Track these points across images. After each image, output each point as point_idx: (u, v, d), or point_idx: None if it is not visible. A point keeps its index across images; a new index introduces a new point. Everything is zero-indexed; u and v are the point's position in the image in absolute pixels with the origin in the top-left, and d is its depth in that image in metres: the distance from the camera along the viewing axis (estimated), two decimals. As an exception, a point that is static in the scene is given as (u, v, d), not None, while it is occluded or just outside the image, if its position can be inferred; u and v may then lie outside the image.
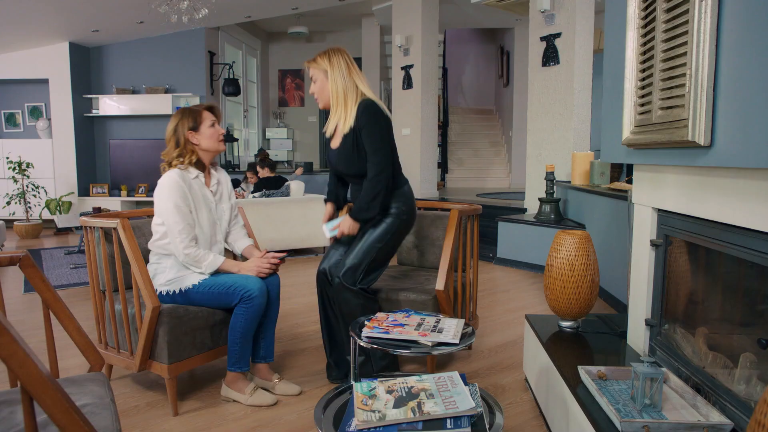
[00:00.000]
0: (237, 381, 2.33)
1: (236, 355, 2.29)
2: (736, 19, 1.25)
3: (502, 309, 3.81)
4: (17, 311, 3.75)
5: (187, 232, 2.23)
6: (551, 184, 5.18)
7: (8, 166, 7.47)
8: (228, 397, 2.34)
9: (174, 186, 2.23)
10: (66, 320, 1.49)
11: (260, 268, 2.33)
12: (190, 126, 2.33)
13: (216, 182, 2.46)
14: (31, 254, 5.94)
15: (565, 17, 5.38)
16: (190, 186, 2.31)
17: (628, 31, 1.81)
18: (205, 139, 2.35)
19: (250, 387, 2.31)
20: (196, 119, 2.35)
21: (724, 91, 1.29)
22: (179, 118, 2.36)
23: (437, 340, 1.69)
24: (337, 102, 2.36)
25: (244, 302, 2.23)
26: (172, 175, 2.27)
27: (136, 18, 7.10)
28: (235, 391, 2.32)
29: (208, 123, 2.36)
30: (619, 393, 1.67)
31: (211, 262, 2.28)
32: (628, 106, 1.83)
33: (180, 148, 2.33)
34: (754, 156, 1.18)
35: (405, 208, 2.41)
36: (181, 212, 2.22)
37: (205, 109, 2.39)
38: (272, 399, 2.31)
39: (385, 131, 2.34)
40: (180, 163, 2.31)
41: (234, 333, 2.26)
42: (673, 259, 1.91)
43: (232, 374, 2.32)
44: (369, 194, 2.32)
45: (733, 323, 1.67)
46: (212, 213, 2.40)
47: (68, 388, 1.41)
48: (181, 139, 2.33)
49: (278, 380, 2.42)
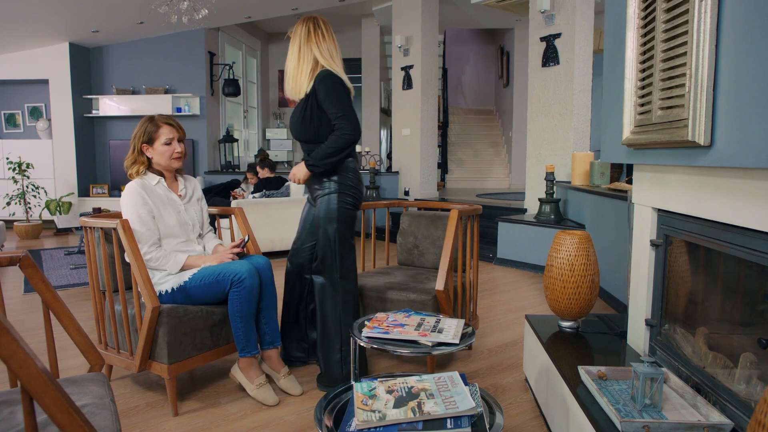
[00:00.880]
0: (250, 368, 2.34)
1: (242, 340, 2.31)
2: (736, 19, 1.25)
3: (502, 309, 3.81)
4: (17, 311, 3.75)
5: (148, 238, 2.29)
6: (551, 185, 5.18)
7: (8, 167, 7.47)
8: (235, 377, 2.37)
9: (133, 195, 2.30)
10: (66, 320, 1.49)
11: (222, 256, 2.37)
12: (144, 139, 2.39)
13: (183, 187, 2.52)
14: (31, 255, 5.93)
15: (564, 18, 5.38)
16: (153, 191, 2.38)
17: (627, 31, 1.81)
18: (158, 155, 2.40)
19: (259, 379, 2.33)
20: (151, 134, 2.39)
21: (724, 90, 1.29)
22: (138, 128, 2.42)
23: (437, 341, 1.69)
24: (289, 71, 2.44)
25: (234, 286, 2.25)
26: (132, 186, 2.34)
27: (136, 18, 7.10)
28: (246, 377, 2.34)
29: (163, 140, 2.39)
30: (620, 393, 1.67)
31: (174, 261, 2.33)
32: (628, 106, 1.83)
33: (134, 155, 2.41)
34: (754, 156, 1.18)
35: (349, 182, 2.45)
36: (142, 219, 2.28)
37: (165, 123, 2.42)
38: (274, 400, 2.31)
39: (345, 98, 2.36)
40: (135, 172, 2.39)
41: (234, 319, 2.28)
42: (673, 259, 1.91)
43: (246, 360, 2.34)
44: (327, 148, 2.34)
45: (733, 323, 1.67)
46: (181, 214, 2.44)
47: (68, 388, 1.41)
48: (136, 149, 2.41)
49: (286, 374, 2.43)
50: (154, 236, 2.31)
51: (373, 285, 2.61)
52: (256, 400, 2.31)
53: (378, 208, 3.09)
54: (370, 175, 7.37)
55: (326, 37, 2.43)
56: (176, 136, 2.43)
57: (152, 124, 2.40)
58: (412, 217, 3.09)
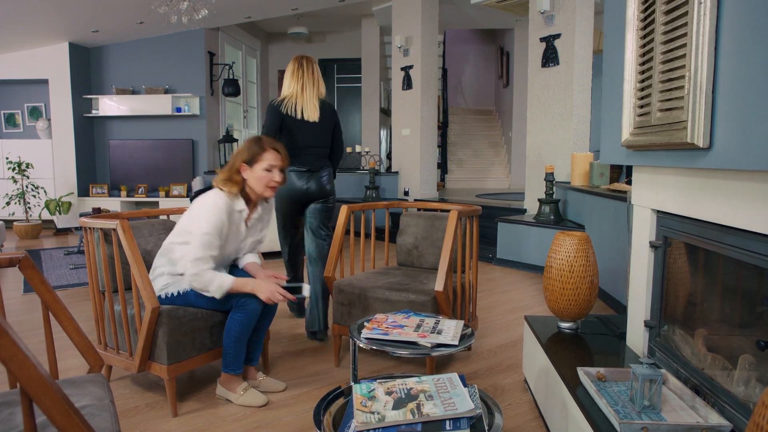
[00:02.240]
0: (230, 381, 2.34)
1: (230, 357, 2.30)
2: (735, 22, 1.25)
3: (502, 310, 3.81)
4: (17, 312, 3.75)
5: (205, 261, 2.19)
6: (551, 185, 5.18)
7: (8, 167, 7.47)
8: (221, 395, 2.37)
9: (217, 213, 2.21)
10: (65, 321, 1.49)
11: (274, 297, 2.24)
12: (246, 159, 2.29)
13: (257, 217, 2.44)
14: (30, 255, 5.94)
15: (564, 18, 5.38)
16: (232, 217, 2.29)
17: (627, 33, 1.81)
18: (254, 179, 2.30)
19: (242, 387, 2.33)
20: (255, 155, 2.29)
21: (723, 93, 1.30)
22: (244, 146, 2.33)
23: (436, 342, 1.69)
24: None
25: (239, 309, 2.25)
26: (220, 201, 2.22)
27: (136, 18, 7.10)
28: (228, 390, 2.34)
29: (264, 165, 2.29)
30: (618, 394, 1.68)
31: (219, 285, 2.20)
32: (627, 108, 1.83)
33: (230, 173, 2.29)
34: (753, 158, 1.18)
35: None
36: (210, 239, 2.20)
37: (272, 149, 2.32)
38: (262, 400, 2.32)
39: (266, 121, 3.14)
40: (227, 191, 2.26)
41: (229, 336, 2.28)
42: (672, 261, 1.91)
43: (226, 375, 2.34)
44: None
45: (732, 325, 1.67)
46: (237, 243, 2.41)
47: (68, 389, 1.42)
48: (234, 167, 2.30)
49: (262, 378, 2.46)
50: (213, 259, 2.23)
51: (372, 285, 2.61)
52: (245, 406, 2.31)
53: (377, 209, 3.09)
54: (369, 176, 7.37)
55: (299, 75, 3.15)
56: (279, 165, 2.32)
57: (258, 146, 2.30)
58: (412, 217, 3.09)
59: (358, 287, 2.62)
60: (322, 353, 2.93)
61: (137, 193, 8.16)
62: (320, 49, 10.96)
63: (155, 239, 2.68)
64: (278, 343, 3.06)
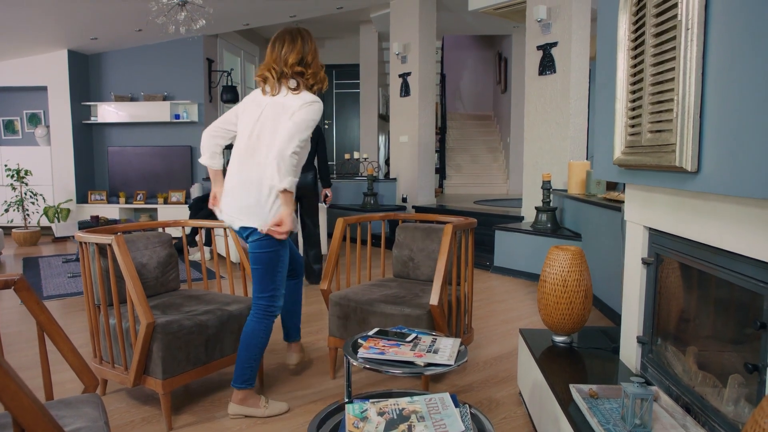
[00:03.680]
0: (249, 397, 2.30)
1: (252, 371, 2.27)
2: (722, 49, 1.26)
3: (498, 320, 3.82)
4: (13, 322, 3.76)
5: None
6: (548, 193, 5.19)
7: (6, 174, 7.48)
8: (240, 414, 2.31)
9: (320, 113, 2.22)
10: (61, 342, 1.50)
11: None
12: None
13: None
14: (29, 262, 5.95)
15: (561, 27, 5.41)
16: None
17: (618, 52, 1.83)
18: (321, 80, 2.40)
19: (263, 400, 2.34)
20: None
21: (710, 118, 1.31)
22: (313, 43, 2.38)
23: (432, 362, 1.70)
24: None
25: (269, 315, 2.28)
26: (320, 103, 2.22)
27: (135, 26, 7.12)
28: (251, 407, 2.30)
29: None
30: (610, 412, 1.69)
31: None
32: (619, 126, 1.84)
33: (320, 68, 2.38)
34: (741, 184, 1.19)
35: None
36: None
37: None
38: (286, 405, 2.39)
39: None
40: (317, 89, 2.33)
41: (255, 348, 2.25)
42: (664, 276, 1.93)
43: (244, 392, 2.29)
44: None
45: (724, 341, 1.68)
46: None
47: (62, 410, 1.42)
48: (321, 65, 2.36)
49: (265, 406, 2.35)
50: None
51: (368, 298, 2.62)
52: (273, 416, 2.32)
53: (374, 220, 3.10)
54: (368, 182, 7.37)
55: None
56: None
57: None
58: (408, 229, 3.10)
59: (354, 300, 2.63)
60: (317, 365, 2.94)
61: (136, 200, 8.17)
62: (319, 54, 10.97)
63: (150, 252, 2.69)
64: (274, 355, 3.07)
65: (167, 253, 2.77)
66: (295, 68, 2.24)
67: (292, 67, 2.23)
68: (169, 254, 2.78)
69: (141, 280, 2.50)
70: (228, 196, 2.28)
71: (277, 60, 2.25)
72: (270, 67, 2.25)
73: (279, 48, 2.27)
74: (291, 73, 2.24)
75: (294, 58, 2.24)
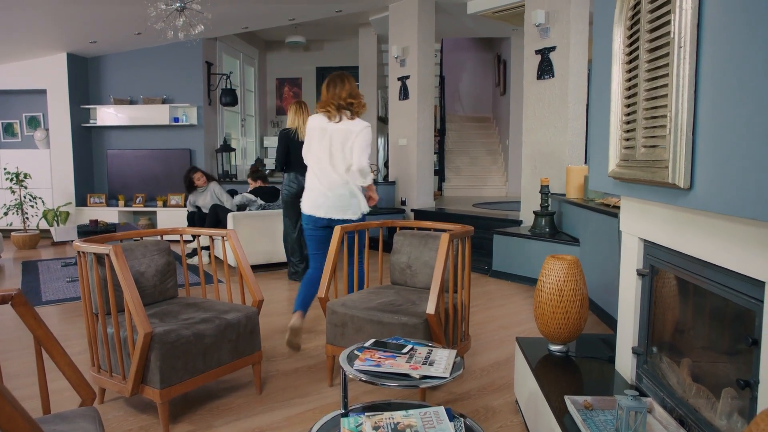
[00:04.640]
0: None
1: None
2: (714, 68, 1.27)
3: (496, 325, 3.82)
4: (13, 327, 3.76)
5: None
6: (546, 198, 5.20)
7: (6, 177, 7.49)
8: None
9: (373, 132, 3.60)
10: (58, 357, 1.51)
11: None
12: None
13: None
14: (28, 266, 5.96)
15: (559, 31, 5.42)
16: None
17: (613, 65, 1.84)
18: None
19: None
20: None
21: (703, 136, 1.32)
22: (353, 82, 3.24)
23: (427, 374, 1.71)
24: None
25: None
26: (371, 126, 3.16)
27: (134, 30, 7.13)
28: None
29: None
30: (605, 424, 1.70)
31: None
32: (613, 139, 1.85)
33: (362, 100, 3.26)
34: (732, 203, 1.20)
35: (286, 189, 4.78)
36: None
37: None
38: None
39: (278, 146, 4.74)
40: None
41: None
42: (659, 288, 1.94)
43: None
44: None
45: (718, 354, 1.69)
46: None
47: (59, 424, 1.43)
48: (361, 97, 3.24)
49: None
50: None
51: (365, 307, 2.63)
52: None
53: (371, 227, 3.12)
54: (366, 185, 7.37)
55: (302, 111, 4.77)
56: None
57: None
58: (405, 237, 3.11)
59: (351, 308, 2.64)
60: (315, 372, 2.95)
61: (135, 203, 8.18)
62: (317, 57, 10.99)
63: (148, 260, 2.70)
64: (272, 362, 3.08)
65: (165, 261, 2.78)
66: (347, 100, 3.13)
67: (345, 100, 3.13)
68: (167, 262, 2.79)
69: (139, 289, 2.51)
70: (319, 197, 3.18)
71: (334, 96, 3.13)
72: (329, 103, 3.14)
73: (333, 88, 3.15)
74: (345, 104, 3.13)
75: (345, 94, 3.13)
